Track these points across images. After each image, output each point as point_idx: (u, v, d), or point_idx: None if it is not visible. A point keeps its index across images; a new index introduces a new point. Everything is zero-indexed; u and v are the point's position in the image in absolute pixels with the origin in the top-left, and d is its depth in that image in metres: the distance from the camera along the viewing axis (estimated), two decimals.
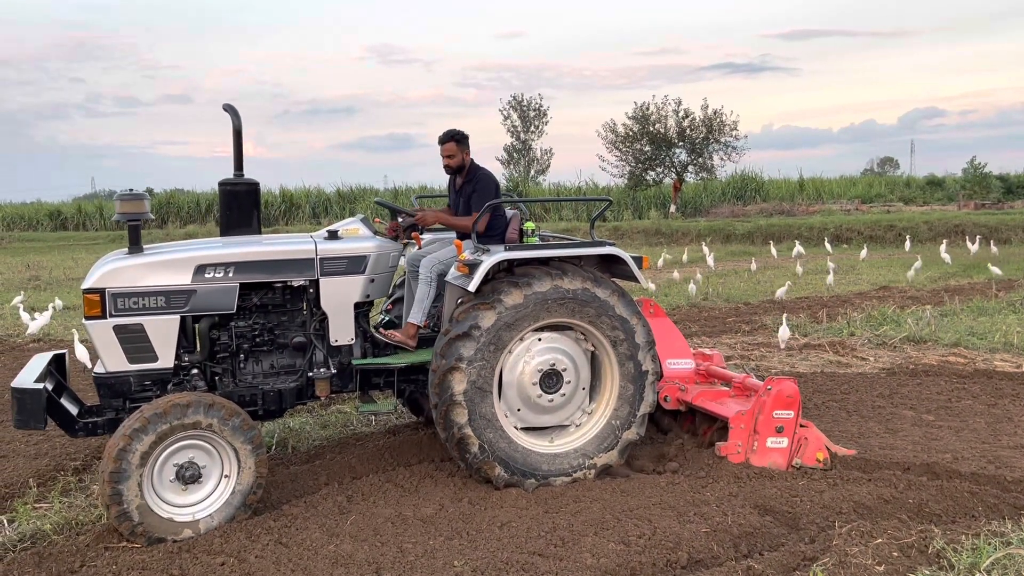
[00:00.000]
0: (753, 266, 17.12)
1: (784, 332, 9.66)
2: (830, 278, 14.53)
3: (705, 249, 21.10)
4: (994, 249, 19.93)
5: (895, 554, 4.16)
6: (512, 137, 53.79)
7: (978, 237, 21.44)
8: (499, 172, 50.73)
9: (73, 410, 5.15)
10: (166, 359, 5.11)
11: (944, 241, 20.52)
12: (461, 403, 5.15)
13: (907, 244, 22.47)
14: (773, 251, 21.12)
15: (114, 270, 4.99)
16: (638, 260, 5.68)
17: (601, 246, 5.56)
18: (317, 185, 42.77)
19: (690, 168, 36.02)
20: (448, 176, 6.29)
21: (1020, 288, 13.56)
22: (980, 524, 4.54)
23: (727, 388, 6.24)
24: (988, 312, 11.50)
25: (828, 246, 22.43)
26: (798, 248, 20.90)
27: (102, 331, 4.96)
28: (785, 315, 10.30)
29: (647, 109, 35.65)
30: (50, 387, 5.06)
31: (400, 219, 6.01)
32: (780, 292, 13.26)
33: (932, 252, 20.78)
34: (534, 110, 53.48)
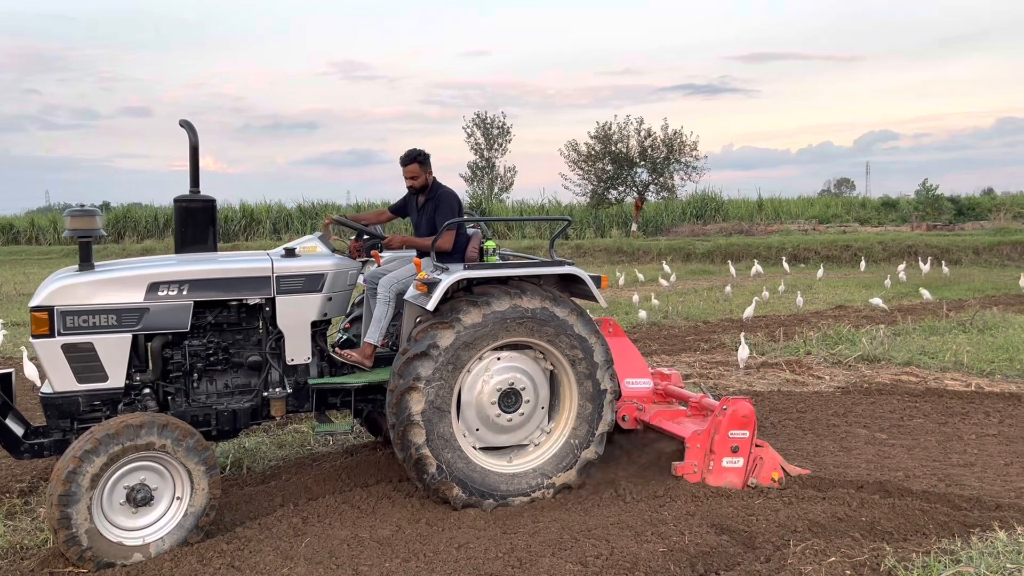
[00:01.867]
0: (728, 289, 16.83)
1: (743, 352, 9.75)
2: (799, 299, 14.76)
3: (667, 268, 21.30)
4: (946, 269, 20.40)
5: (848, 572, 4.20)
6: (476, 154, 53.85)
7: (929, 258, 21.96)
8: (463, 189, 50.75)
9: (19, 431, 5.02)
10: (116, 379, 5.01)
11: (902, 264, 20.96)
12: (419, 423, 5.11)
13: (862, 264, 22.91)
14: (732, 270, 21.38)
15: (63, 287, 4.88)
16: (597, 280, 5.72)
17: (560, 265, 5.58)
18: (278, 201, 42.39)
19: (651, 187, 36.36)
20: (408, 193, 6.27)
21: (970, 308, 13.88)
22: (931, 542, 4.61)
23: (684, 407, 6.28)
24: (939, 332, 11.75)
25: (786, 266, 22.77)
26: (756, 267, 21.20)
27: (50, 350, 4.84)
28: (743, 335, 10.41)
29: (609, 129, 35.96)
30: None
31: (363, 238, 5.98)
32: (748, 312, 13.36)
33: (887, 272, 21.21)
34: (498, 128, 53.61)
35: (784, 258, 23.46)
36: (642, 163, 35.60)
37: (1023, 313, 13.48)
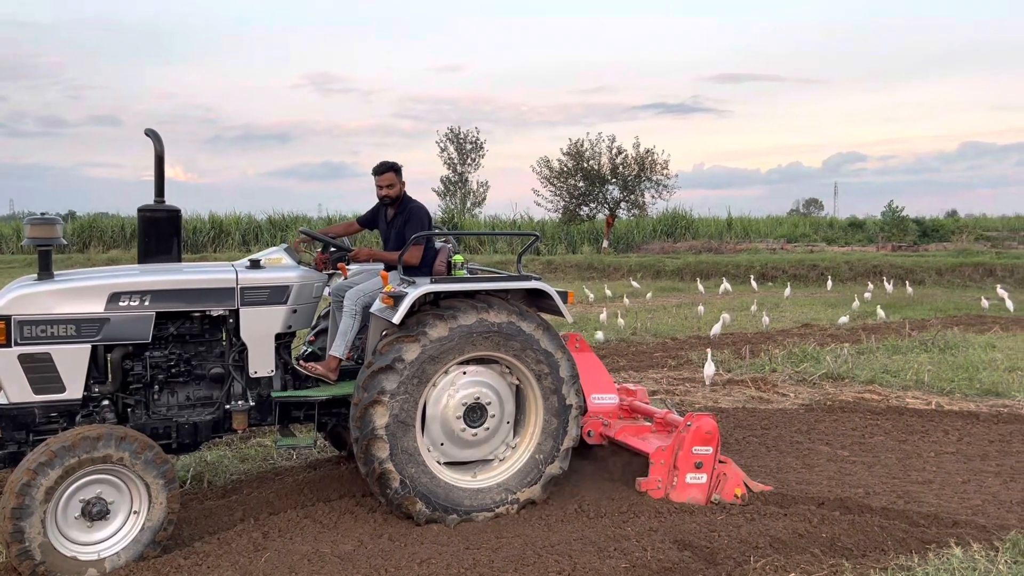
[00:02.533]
0: (700, 308, 16.64)
1: (709, 369, 9.82)
2: (765, 319, 14.91)
3: (635, 284, 21.42)
4: (910, 289, 20.73)
5: None
6: (448, 169, 53.96)
7: (892, 279, 22.34)
8: (435, 203, 50.76)
9: None
10: (74, 390, 4.92)
11: (870, 283, 21.29)
12: (383, 437, 5.08)
13: (829, 283, 23.22)
14: (700, 287, 21.55)
15: (21, 296, 4.80)
16: (563, 295, 5.74)
17: (527, 280, 5.60)
18: (248, 212, 42.05)
19: (622, 204, 36.63)
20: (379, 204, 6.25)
21: (932, 328, 14.11)
22: (889, 558, 4.66)
23: (650, 423, 6.31)
24: (901, 351, 11.93)
25: (754, 284, 23.01)
26: (725, 285, 21.40)
27: (6, 360, 4.75)
28: (710, 351, 10.49)
29: (581, 146, 36.20)
30: None
31: (330, 251, 5.96)
32: (715, 329, 13.45)
33: (853, 291, 21.51)
34: (471, 143, 53.79)
35: (752, 276, 23.72)
36: (614, 180, 35.86)
37: (983, 333, 13.74)
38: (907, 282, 22.06)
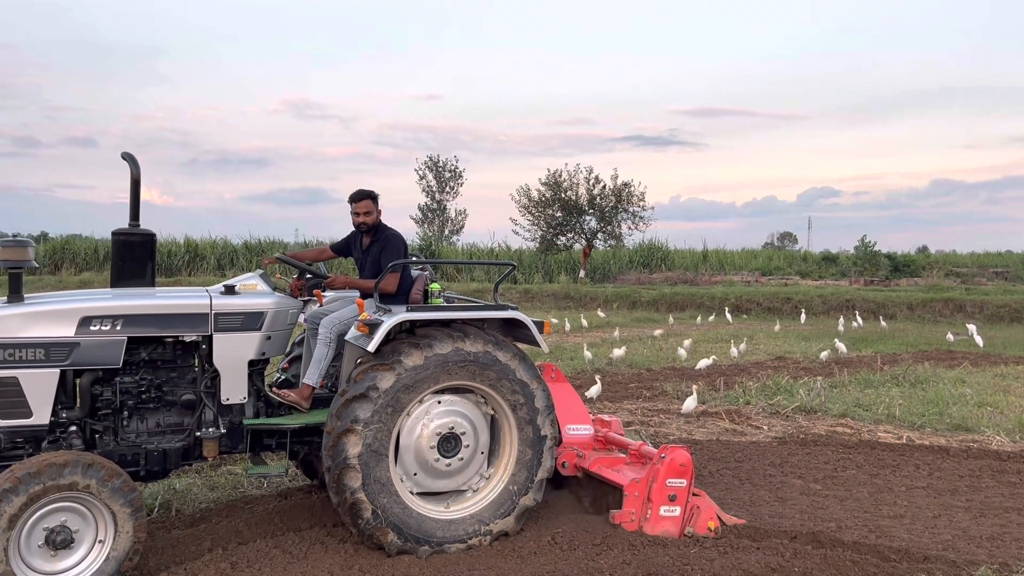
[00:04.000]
0: (684, 348, 15.33)
1: (691, 403, 9.68)
2: (733, 350, 14.99)
3: (601, 314, 21.47)
4: (884, 324, 20.97)
5: None
6: (427, 197, 54.08)
7: (857, 313, 22.65)
8: (413, 231, 50.79)
9: None
10: (41, 415, 4.84)
11: (842, 317, 21.52)
12: (355, 466, 5.03)
13: (803, 316, 23.42)
14: (670, 319, 21.65)
15: None
16: (540, 325, 5.74)
17: (503, 310, 5.60)
18: (224, 236, 41.78)
19: (599, 235, 36.86)
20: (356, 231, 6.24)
21: (903, 362, 14.27)
22: None
23: (624, 455, 6.30)
24: (873, 384, 12.04)
25: (729, 316, 23.17)
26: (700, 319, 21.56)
27: None
28: (695, 386, 10.40)
29: (560, 176, 36.47)
30: None
31: (306, 277, 5.93)
32: (702, 363, 13.46)
33: (826, 324, 21.73)
34: (450, 171, 54.00)
35: (727, 309, 23.88)
36: (591, 211, 36.11)
37: (953, 368, 13.91)
38: (880, 316, 22.33)
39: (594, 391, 10.46)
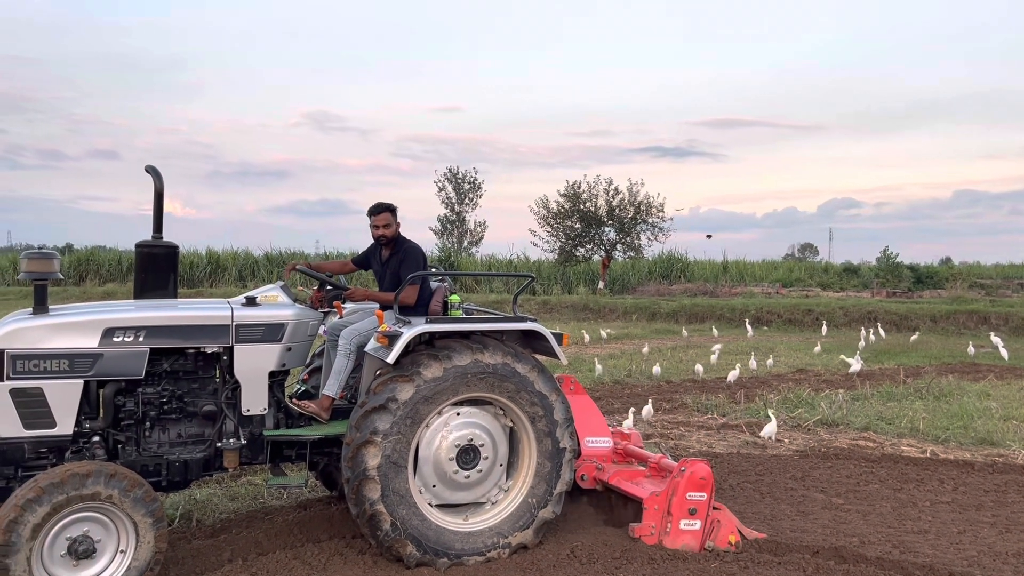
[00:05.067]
0: (713, 356, 15.55)
1: (771, 428, 9.11)
2: (752, 363, 14.88)
3: (603, 334, 21.35)
4: (915, 336, 20.63)
5: None
6: (446, 208, 54.25)
7: (877, 324, 22.43)
8: (432, 242, 50.97)
9: None
10: (65, 426, 4.89)
11: (870, 328, 21.33)
12: (374, 478, 5.04)
13: (824, 328, 23.22)
14: (684, 332, 21.49)
15: (15, 331, 4.79)
16: (559, 337, 5.73)
17: (522, 321, 5.60)
18: (245, 248, 42.13)
19: (618, 246, 36.80)
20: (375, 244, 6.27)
21: (926, 375, 14.11)
22: None
23: (644, 468, 6.27)
24: (896, 398, 11.90)
25: (749, 328, 23.02)
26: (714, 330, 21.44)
27: None
28: (772, 411, 9.83)
29: (579, 187, 36.50)
30: None
31: (326, 289, 5.96)
32: (732, 375, 13.31)
33: (848, 336, 21.53)
34: (469, 183, 54.17)
35: (748, 320, 23.73)
36: (610, 222, 36.07)
37: (978, 381, 13.74)
38: (916, 330, 22.13)
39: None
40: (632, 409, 9.43)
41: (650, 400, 10.36)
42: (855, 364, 14.12)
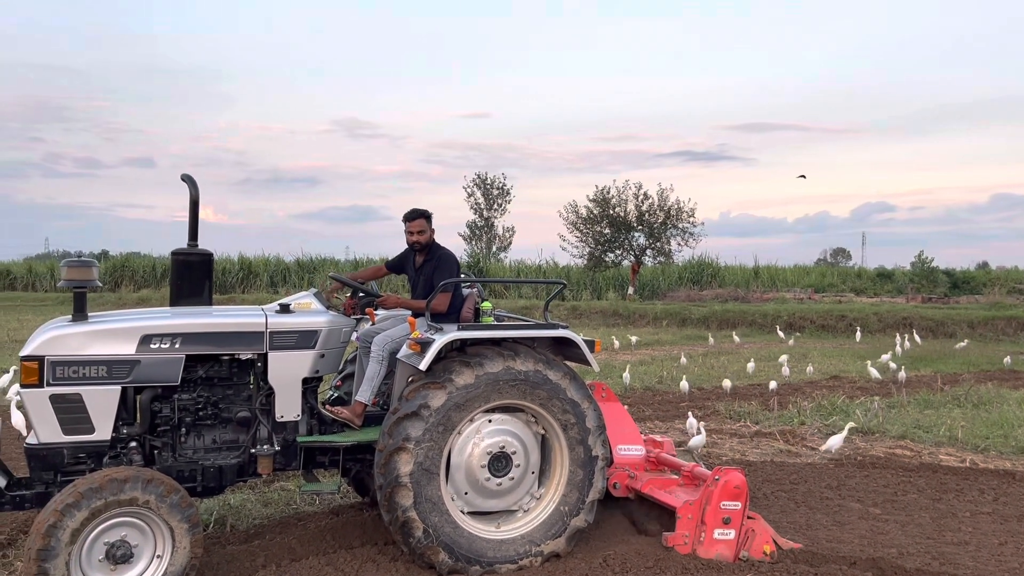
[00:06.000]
0: (751, 365, 15.01)
1: (836, 441, 8.70)
2: (785, 369, 14.69)
3: (633, 339, 21.20)
4: (964, 343, 20.18)
5: None
6: (475, 214, 54.38)
7: (914, 331, 22.06)
8: (461, 248, 51.11)
9: (1, 482, 4.95)
10: (103, 431, 4.96)
11: (906, 335, 21.01)
12: (407, 485, 5.05)
13: (858, 334, 22.94)
14: (710, 339, 21.28)
15: (55, 337, 4.87)
16: (591, 344, 5.71)
17: (554, 328, 5.58)
18: (277, 254, 42.57)
19: (648, 252, 36.61)
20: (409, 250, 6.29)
21: (964, 382, 13.85)
22: None
23: (677, 476, 6.21)
24: (934, 405, 11.70)
25: (781, 334, 22.79)
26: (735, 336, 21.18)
27: (38, 400, 4.81)
28: (850, 425, 9.41)
29: (608, 192, 36.38)
30: None
31: (359, 296, 5.99)
32: (773, 384, 13.10)
33: (882, 343, 21.22)
34: (498, 188, 54.23)
35: (779, 327, 23.50)
36: (639, 227, 35.90)
37: (1018, 389, 13.46)
38: (949, 335, 21.76)
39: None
40: (690, 412, 9.25)
41: (701, 425, 9.78)
42: (883, 370, 13.96)
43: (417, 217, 6.06)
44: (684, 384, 12.68)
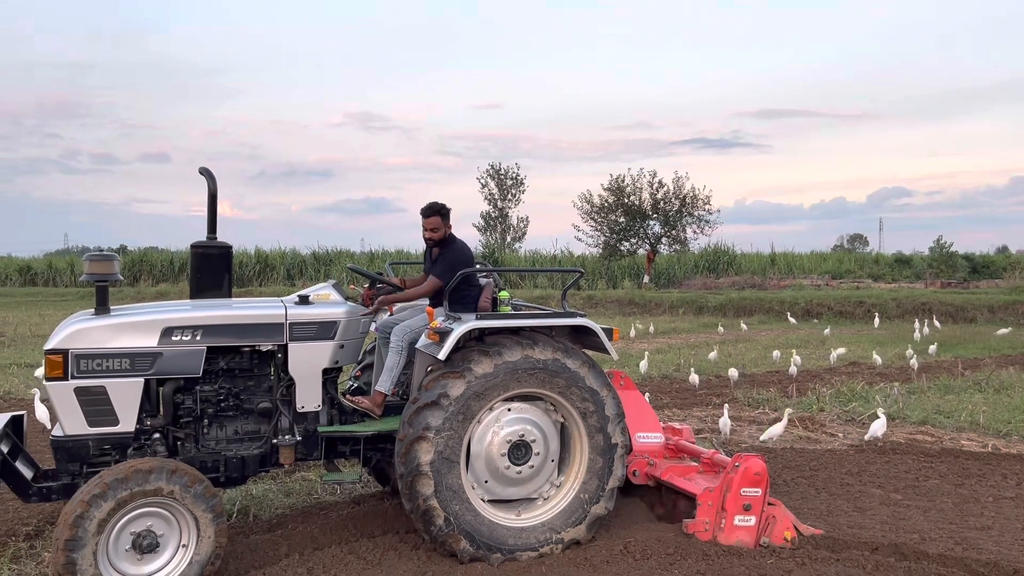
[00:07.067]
0: (776, 354, 14.91)
1: (878, 427, 8.67)
2: (796, 358, 14.59)
3: (639, 326, 21.12)
4: (1006, 329, 19.78)
5: None
6: (489, 204, 54.36)
7: (934, 316, 21.86)
8: (476, 238, 51.13)
9: (28, 474, 5.02)
10: (127, 423, 5.01)
11: (926, 320, 20.82)
12: (427, 474, 5.08)
13: (876, 320, 22.79)
14: (720, 328, 21.11)
15: (78, 331, 4.92)
16: (609, 332, 5.71)
17: (572, 317, 5.59)
18: (293, 247, 42.79)
19: (664, 240, 36.47)
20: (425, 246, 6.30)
21: (985, 367, 13.74)
22: None
23: (696, 463, 6.21)
24: (954, 390, 11.62)
25: (792, 320, 22.68)
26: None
27: (63, 393, 4.86)
28: (881, 410, 9.26)
29: (622, 181, 36.24)
30: (5, 449, 4.94)
31: (377, 287, 6.00)
32: (793, 369, 13.06)
33: (900, 328, 21.07)
34: (511, 179, 54.19)
35: (790, 313, 23.34)
36: (655, 216, 35.76)
37: None
38: (969, 320, 21.57)
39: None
40: (726, 409, 9.20)
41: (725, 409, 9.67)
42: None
43: (432, 214, 6.01)
44: (693, 377, 12.47)
